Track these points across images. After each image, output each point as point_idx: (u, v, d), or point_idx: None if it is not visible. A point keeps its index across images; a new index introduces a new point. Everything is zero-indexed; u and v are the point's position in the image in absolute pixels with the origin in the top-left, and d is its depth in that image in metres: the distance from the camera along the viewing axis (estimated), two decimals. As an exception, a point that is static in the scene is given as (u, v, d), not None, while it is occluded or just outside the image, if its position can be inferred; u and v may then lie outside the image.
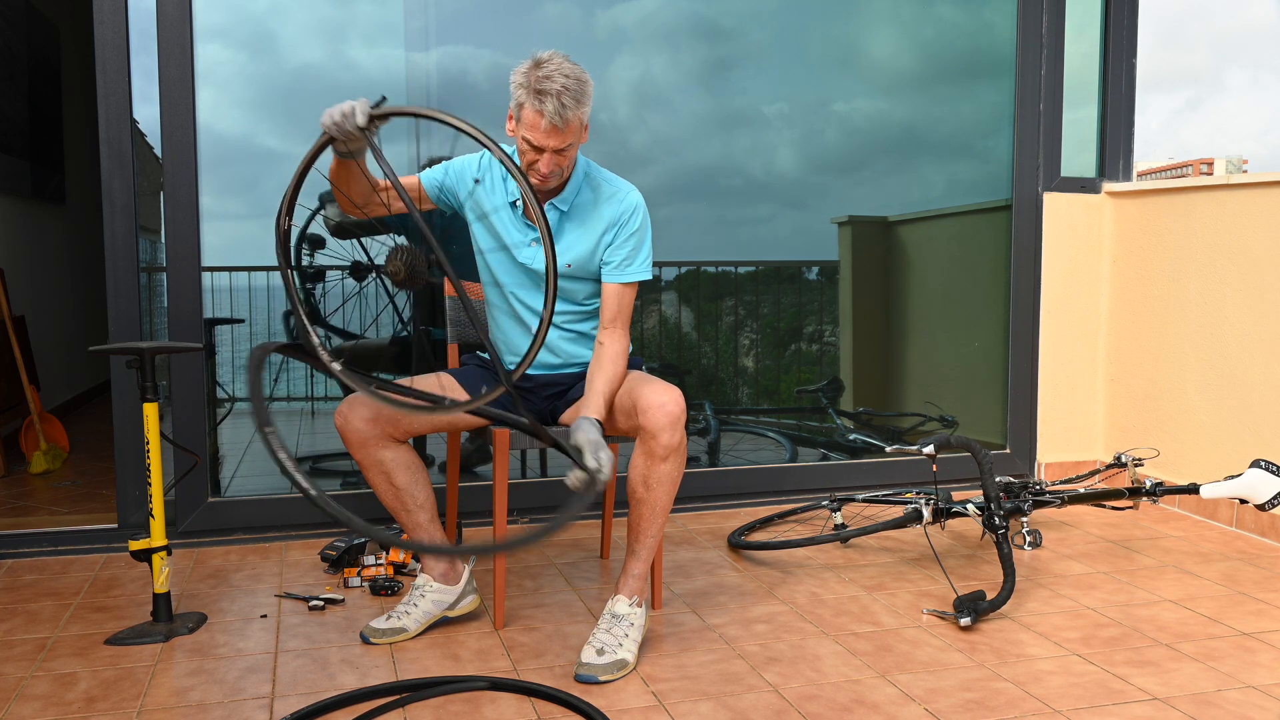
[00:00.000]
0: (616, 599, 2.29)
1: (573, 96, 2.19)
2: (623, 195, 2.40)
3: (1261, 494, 2.78)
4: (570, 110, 2.19)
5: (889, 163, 3.76)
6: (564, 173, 2.31)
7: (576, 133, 2.25)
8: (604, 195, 2.39)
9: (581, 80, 2.22)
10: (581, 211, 2.39)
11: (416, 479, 2.38)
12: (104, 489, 3.77)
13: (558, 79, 2.18)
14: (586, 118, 2.27)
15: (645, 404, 2.22)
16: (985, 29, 3.75)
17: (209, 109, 3.08)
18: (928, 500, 2.87)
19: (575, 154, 2.31)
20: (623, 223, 2.38)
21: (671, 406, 2.20)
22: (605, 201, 2.39)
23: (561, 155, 2.25)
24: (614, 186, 2.41)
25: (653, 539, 2.32)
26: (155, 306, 3.18)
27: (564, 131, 2.21)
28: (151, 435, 2.40)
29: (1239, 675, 2.16)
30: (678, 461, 2.25)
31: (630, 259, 2.38)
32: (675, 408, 2.21)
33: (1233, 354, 3.27)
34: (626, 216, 2.38)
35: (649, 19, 3.50)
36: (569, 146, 2.24)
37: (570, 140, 2.24)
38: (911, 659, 2.26)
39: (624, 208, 2.38)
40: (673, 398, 2.21)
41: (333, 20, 3.25)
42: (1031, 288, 3.77)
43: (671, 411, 2.20)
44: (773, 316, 3.80)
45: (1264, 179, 3.16)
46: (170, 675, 2.19)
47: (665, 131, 3.53)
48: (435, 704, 2.04)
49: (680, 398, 2.23)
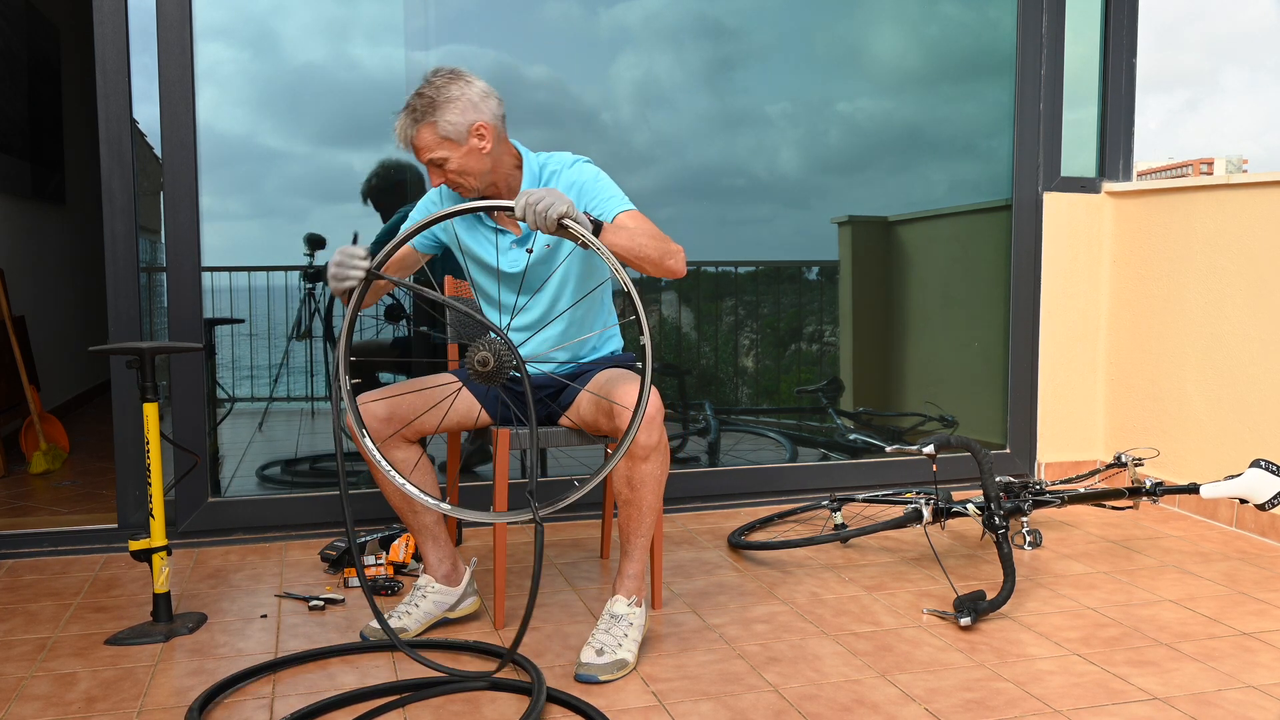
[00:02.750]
0: (614, 599, 2.29)
1: (416, 115, 2.23)
2: (569, 164, 2.38)
3: (1261, 494, 2.78)
4: (410, 129, 2.23)
5: (892, 162, 3.76)
6: (464, 183, 2.29)
7: (436, 146, 2.24)
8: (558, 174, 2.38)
9: (436, 97, 2.23)
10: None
11: (425, 480, 2.39)
12: (104, 489, 3.77)
13: (412, 97, 2.24)
14: (446, 130, 2.23)
15: (622, 398, 2.22)
16: (990, 26, 3.74)
17: (210, 108, 3.08)
18: (928, 500, 2.87)
19: (464, 164, 2.27)
20: (573, 185, 2.35)
21: (648, 407, 2.19)
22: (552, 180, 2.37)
23: (441, 168, 2.26)
24: (554, 162, 2.39)
25: (644, 538, 2.31)
26: (155, 306, 3.18)
27: (419, 148, 2.24)
28: (151, 435, 2.40)
29: (1239, 675, 2.16)
30: (660, 460, 2.25)
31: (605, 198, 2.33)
32: (652, 408, 2.20)
33: (1233, 354, 3.27)
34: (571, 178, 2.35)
35: (653, 18, 3.50)
36: (442, 160, 2.25)
37: (438, 154, 2.24)
38: (911, 659, 2.26)
39: (565, 176, 2.36)
40: (649, 397, 2.20)
41: (335, 19, 3.25)
42: (1031, 288, 3.77)
43: (648, 412, 2.19)
44: (773, 316, 3.80)
45: (1264, 179, 3.16)
46: (170, 675, 2.19)
47: (668, 131, 3.53)
48: (435, 704, 2.04)
49: (657, 397, 2.23)
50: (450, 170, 2.27)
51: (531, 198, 1.98)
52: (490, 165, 2.31)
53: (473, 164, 2.28)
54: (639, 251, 2.16)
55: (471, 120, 2.25)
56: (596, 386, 2.37)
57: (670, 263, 2.22)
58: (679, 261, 2.23)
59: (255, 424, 3.43)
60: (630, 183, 3.51)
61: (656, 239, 2.21)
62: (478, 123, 2.26)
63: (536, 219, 1.98)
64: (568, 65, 3.42)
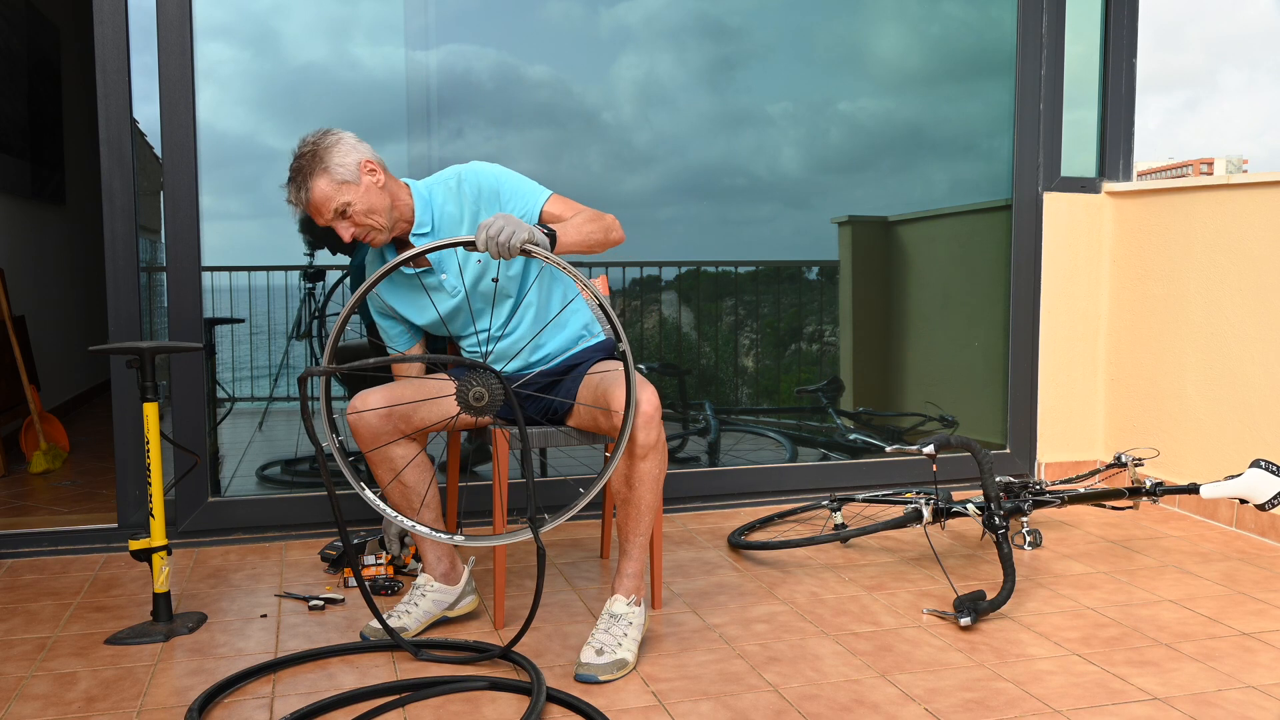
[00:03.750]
0: (614, 599, 2.29)
1: (304, 175, 2.24)
2: (461, 176, 2.38)
3: (1261, 494, 2.78)
4: (304, 188, 2.24)
5: (893, 162, 3.76)
6: (374, 224, 2.28)
7: (334, 193, 2.24)
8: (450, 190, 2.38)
9: (314, 150, 2.24)
10: (447, 214, 2.37)
11: (424, 478, 2.39)
12: (104, 489, 3.77)
13: (292, 165, 2.26)
14: (339, 174, 2.24)
15: (617, 404, 2.22)
16: (992, 25, 3.74)
17: (211, 108, 3.08)
18: (928, 500, 2.87)
19: (370, 203, 2.26)
20: (484, 190, 2.35)
21: (645, 406, 2.20)
22: (454, 193, 2.37)
23: (348, 217, 2.26)
24: (450, 179, 2.39)
25: (643, 537, 2.31)
26: (155, 306, 3.18)
27: (320, 202, 2.24)
28: (151, 435, 2.40)
29: (1239, 675, 2.16)
30: (658, 459, 2.25)
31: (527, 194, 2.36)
32: (649, 406, 2.21)
33: (1233, 354, 3.27)
34: (478, 183, 2.36)
35: (654, 17, 3.50)
36: (345, 205, 2.25)
37: (339, 201, 2.24)
38: (911, 659, 2.26)
39: (470, 182, 2.36)
40: (647, 396, 2.21)
41: (335, 18, 3.25)
42: (1031, 287, 3.77)
43: (645, 411, 2.20)
44: (773, 316, 3.80)
45: (1264, 179, 3.16)
46: (170, 675, 2.19)
47: (669, 130, 3.53)
48: (435, 704, 2.04)
49: (654, 396, 2.23)
50: (357, 214, 2.26)
51: (491, 229, 2.02)
52: (390, 201, 2.31)
53: (375, 200, 2.27)
54: (587, 241, 2.26)
55: (358, 158, 2.27)
56: (591, 386, 2.37)
57: (613, 235, 2.33)
58: (619, 232, 2.35)
59: (255, 424, 3.43)
60: (631, 182, 3.52)
61: (595, 221, 2.30)
62: (364, 159, 2.28)
63: (500, 250, 2.02)
64: (569, 65, 3.42)
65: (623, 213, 2.49)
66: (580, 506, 2.09)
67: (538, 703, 1.96)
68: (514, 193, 2.36)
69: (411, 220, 2.35)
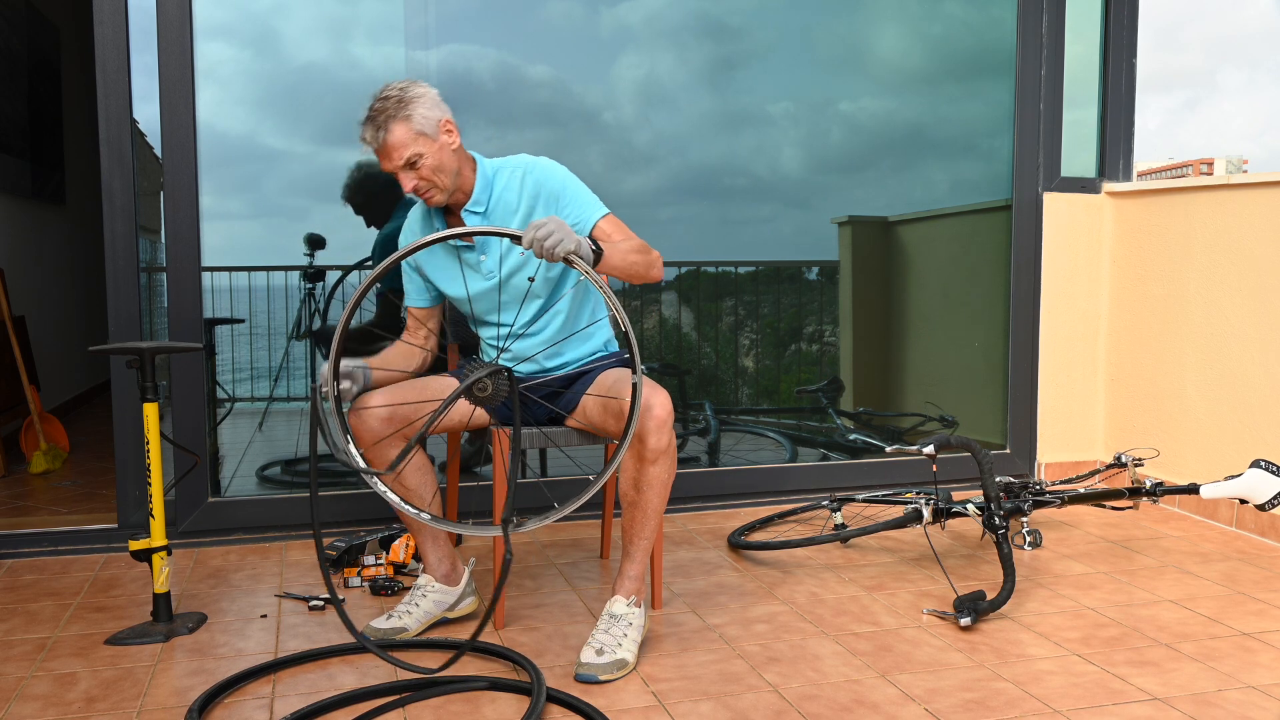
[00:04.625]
0: (614, 599, 2.29)
1: (387, 115, 2.24)
2: (528, 169, 2.39)
3: (1261, 494, 2.78)
4: (384, 129, 2.23)
5: (894, 162, 3.76)
6: (437, 183, 2.29)
7: (411, 142, 2.24)
8: (515, 177, 2.39)
9: (401, 94, 2.25)
10: (504, 202, 2.38)
11: (425, 480, 2.39)
12: (104, 489, 3.77)
13: (373, 105, 2.26)
14: (420, 124, 2.25)
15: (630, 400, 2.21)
16: (994, 25, 3.74)
17: (211, 107, 3.08)
18: (928, 500, 2.87)
19: (439, 161, 2.28)
20: (545, 189, 2.36)
21: (659, 410, 2.20)
22: (518, 182, 2.38)
23: (415, 169, 2.27)
24: (517, 168, 2.40)
25: (647, 540, 2.31)
26: (155, 306, 3.18)
27: (391, 147, 2.24)
28: (151, 435, 2.40)
29: (1239, 675, 2.16)
30: (668, 464, 2.25)
31: (585, 204, 2.37)
32: (663, 411, 2.20)
33: (1233, 354, 3.27)
34: (543, 181, 2.37)
35: (655, 17, 3.49)
36: (415, 157, 2.25)
37: (409, 151, 2.25)
38: (911, 659, 2.26)
39: (535, 178, 2.37)
40: (660, 400, 2.21)
41: (335, 18, 3.25)
42: (1031, 288, 3.77)
43: (659, 415, 2.19)
44: (773, 316, 3.80)
45: (1264, 179, 3.16)
46: (170, 675, 2.19)
47: (670, 130, 3.53)
48: (435, 704, 2.04)
49: (668, 400, 2.22)
50: (425, 168, 2.27)
51: (539, 232, 2.02)
52: (458, 166, 2.33)
53: (446, 161, 2.29)
54: (629, 270, 2.27)
55: (439, 116, 2.29)
56: (604, 388, 2.36)
57: (654, 272, 2.33)
58: (660, 270, 2.35)
59: (255, 424, 3.43)
60: (632, 182, 3.52)
61: (642, 253, 2.30)
62: (445, 118, 2.30)
63: (544, 252, 2.03)
64: (569, 65, 3.42)
65: (623, 213, 2.49)
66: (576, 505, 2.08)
67: (538, 703, 1.96)
68: (573, 200, 2.37)
69: (469, 194, 2.37)
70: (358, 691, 2.06)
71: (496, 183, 2.38)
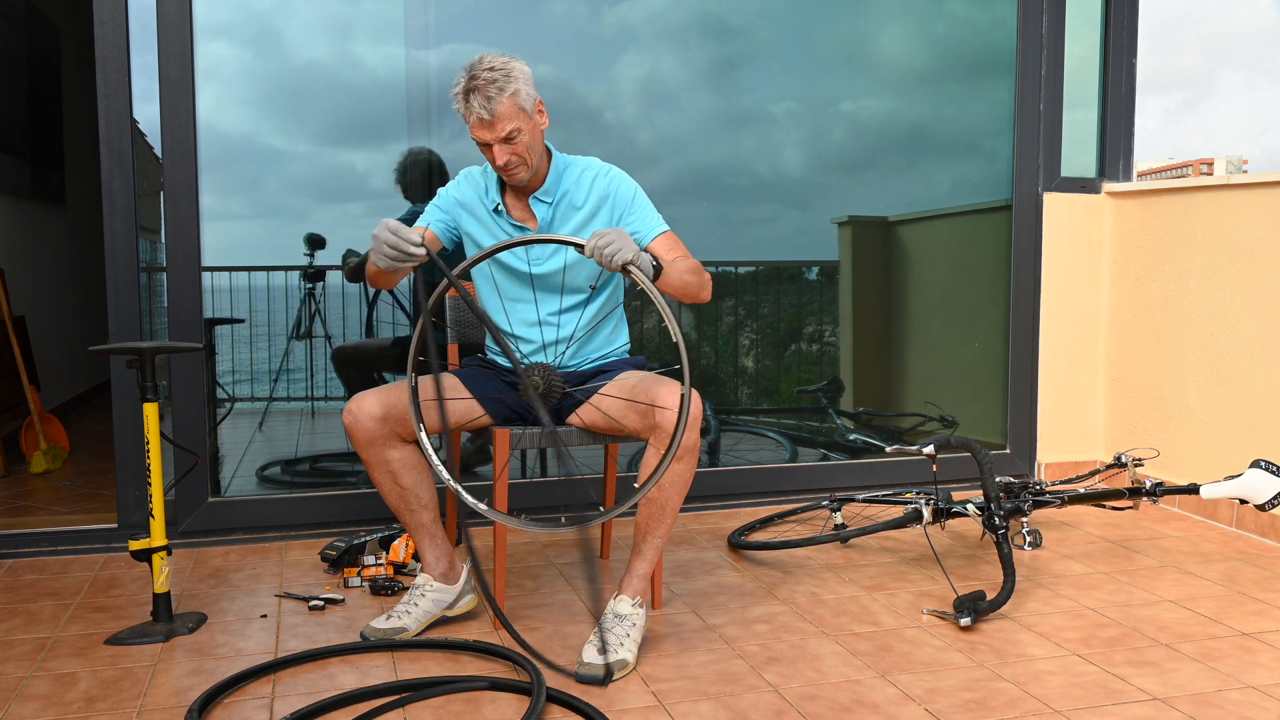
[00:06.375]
0: (619, 598, 2.29)
1: (496, 87, 2.24)
2: (598, 174, 2.44)
3: (1261, 494, 2.78)
4: (495, 100, 2.23)
5: (896, 162, 3.76)
6: (527, 160, 2.32)
7: (515, 116, 2.26)
8: (586, 177, 2.43)
9: (507, 68, 2.27)
10: (570, 198, 2.42)
11: (422, 479, 2.39)
12: (104, 489, 3.77)
13: (480, 75, 2.25)
14: (523, 100, 2.28)
15: (664, 403, 2.21)
16: (997, 24, 3.73)
17: (212, 107, 3.08)
18: (928, 500, 2.87)
19: (532, 139, 2.31)
20: (611, 198, 2.42)
21: (692, 407, 2.19)
22: (588, 182, 2.43)
23: (512, 143, 2.28)
24: (588, 170, 2.45)
25: (660, 539, 2.31)
26: (155, 306, 3.18)
27: (498, 119, 2.24)
28: (151, 435, 2.40)
29: (1239, 675, 2.16)
30: (691, 462, 2.26)
31: (647, 218, 2.43)
32: (694, 408, 2.20)
33: (1233, 354, 3.27)
34: (611, 189, 2.42)
35: (657, 16, 3.49)
36: (515, 132, 2.27)
37: (512, 125, 2.26)
38: (911, 659, 2.26)
39: (604, 185, 2.43)
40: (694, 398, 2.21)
41: (336, 17, 3.25)
42: (1031, 288, 3.77)
43: (692, 412, 2.19)
44: (773, 316, 3.80)
45: (1264, 179, 3.16)
46: (170, 675, 2.19)
47: (672, 130, 3.53)
48: (435, 704, 2.04)
49: (698, 398, 2.22)
50: (521, 143, 2.29)
51: (601, 241, 2.07)
52: (542, 149, 2.37)
53: (538, 140, 2.34)
54: (684, 289, 2.33)
55: (537, 96, 2.33)
56: (629, 386, 2.35)
57: (704, 294, 2.39)
58: (709, 292, 2.41)
59: (255, 424, 3.43)
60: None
61: (696, 274, 2.35)
62: (539, 99, 2.34)
63: (604, 260, 2.08)
64: (571, 64, 3.42)
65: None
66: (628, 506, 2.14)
67: (538, 703, 1.96)
68: (637, 212, 2.43)
69: (542, 181, 2.40)
70: (358, 691, 2.06)
71: (567, 176, 2.43)
